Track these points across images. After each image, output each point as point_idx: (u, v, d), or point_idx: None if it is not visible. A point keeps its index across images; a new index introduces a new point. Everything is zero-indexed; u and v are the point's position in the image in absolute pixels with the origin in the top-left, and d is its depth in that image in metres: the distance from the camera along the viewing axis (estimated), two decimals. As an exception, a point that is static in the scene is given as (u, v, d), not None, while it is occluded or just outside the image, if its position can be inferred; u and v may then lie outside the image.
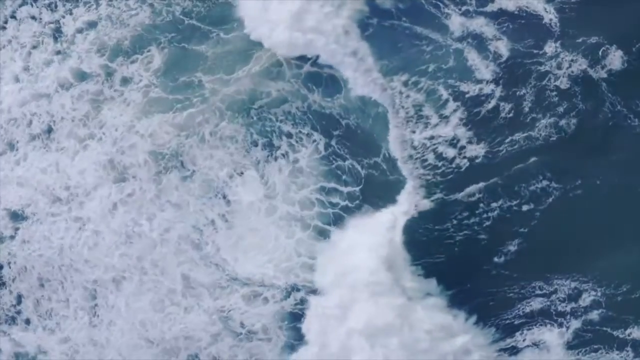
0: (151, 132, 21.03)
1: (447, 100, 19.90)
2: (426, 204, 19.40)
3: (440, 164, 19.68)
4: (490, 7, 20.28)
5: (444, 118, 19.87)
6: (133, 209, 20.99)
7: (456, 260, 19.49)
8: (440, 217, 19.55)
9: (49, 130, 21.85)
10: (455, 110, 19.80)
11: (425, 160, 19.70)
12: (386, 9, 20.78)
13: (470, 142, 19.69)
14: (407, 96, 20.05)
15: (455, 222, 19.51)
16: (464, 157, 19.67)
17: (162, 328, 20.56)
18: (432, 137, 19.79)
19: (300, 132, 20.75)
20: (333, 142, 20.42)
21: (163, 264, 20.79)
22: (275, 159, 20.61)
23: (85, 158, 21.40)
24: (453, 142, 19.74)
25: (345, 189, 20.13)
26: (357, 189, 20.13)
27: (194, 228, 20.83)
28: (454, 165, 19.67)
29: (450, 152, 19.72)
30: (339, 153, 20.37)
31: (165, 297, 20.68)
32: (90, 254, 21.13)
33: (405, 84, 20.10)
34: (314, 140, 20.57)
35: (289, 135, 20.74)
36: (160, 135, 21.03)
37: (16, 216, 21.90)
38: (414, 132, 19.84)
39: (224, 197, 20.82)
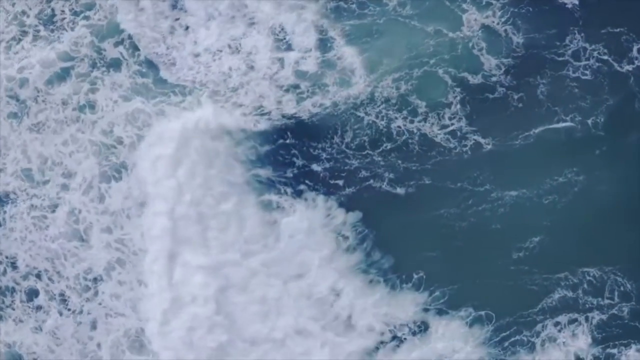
0: (135, 115, 19.59)
1: (450, 87, 18.75)
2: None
3: (434, 152, 18.74)
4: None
5: (442, 106, 18.76)
6: (114, 189, 19.56)
7: (464, 250, 18.55)
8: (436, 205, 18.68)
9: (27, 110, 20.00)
10: (456, 98, 18.67)
11: (413, 148, 18.79)
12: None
13: (475, 133, 18.68)
14: (394, 88, 18.85)
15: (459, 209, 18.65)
16: (465, 146, 18.69)
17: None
18: (423, 126, 18.80)
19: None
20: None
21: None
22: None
23: (65, 138, 19.79)
24: (453, 132, 18.71)
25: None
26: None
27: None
28: (453, 154, 18.73)
29: (449, 142, 18.75)
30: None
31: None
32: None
33: (396, 80, 18.94)
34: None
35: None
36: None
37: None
38: (395, 118, 18.81)
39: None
